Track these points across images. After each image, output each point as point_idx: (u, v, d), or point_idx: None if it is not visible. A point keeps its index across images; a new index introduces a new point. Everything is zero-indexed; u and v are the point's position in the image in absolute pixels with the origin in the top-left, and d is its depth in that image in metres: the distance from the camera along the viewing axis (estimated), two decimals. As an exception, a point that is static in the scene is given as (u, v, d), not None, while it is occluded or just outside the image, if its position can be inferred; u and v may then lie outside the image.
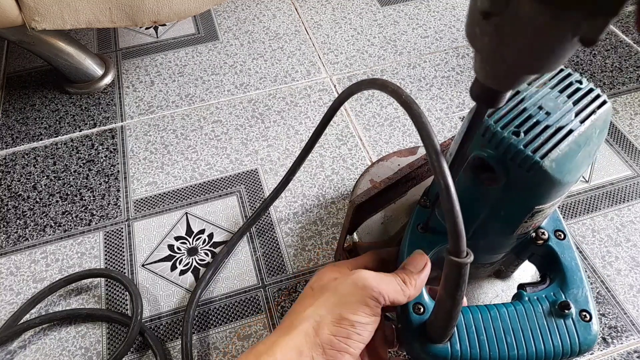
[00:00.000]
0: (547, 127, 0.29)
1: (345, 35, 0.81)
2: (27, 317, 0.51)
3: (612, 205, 0.60)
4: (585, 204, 0.60)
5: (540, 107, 0.30)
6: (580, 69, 0.75)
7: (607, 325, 0.51)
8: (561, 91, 0.31)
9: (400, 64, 0.77)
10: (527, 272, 0.46)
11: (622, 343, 0.50)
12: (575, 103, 0.30)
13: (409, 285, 0.32)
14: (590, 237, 0.57)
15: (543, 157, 0.28)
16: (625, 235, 0.57)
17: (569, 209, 0.59)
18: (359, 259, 0.38)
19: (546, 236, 0.37)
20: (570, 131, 0.29)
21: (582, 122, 0.29)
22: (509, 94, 0.23)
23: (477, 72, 0.22)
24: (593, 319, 0.34)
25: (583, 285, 0.35)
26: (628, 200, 0.60)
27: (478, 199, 0.33)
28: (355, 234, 0.48)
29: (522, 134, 0.29)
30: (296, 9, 0.86)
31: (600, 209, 0.59)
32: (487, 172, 0.30)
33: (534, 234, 0.37)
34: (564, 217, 0.58)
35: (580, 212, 0.59)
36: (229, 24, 0.84)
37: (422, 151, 0.55)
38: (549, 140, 0.29)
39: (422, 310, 0.34)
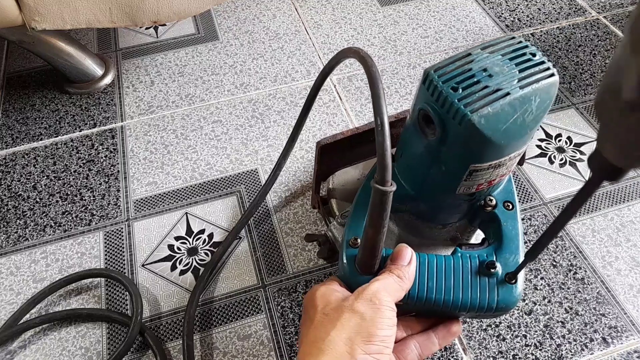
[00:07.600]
0: (486, 87, 0.30)
1: (345, 35, 0.81)
2: (27, 317, 0.51)
3: (612, 205, 0.60)
4: (585, 204, 0.60)
5: (485, 70, 0.31)
6: (580, 68, 0.75)
7: (607, 325, 0.51)
8: (511, 59, 0.32)
9: (400, 64, 0.77)
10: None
11: (622, 343, 0.50)
12: (521, 71, 0.31)
13: (404, 279, 0.34)
14: (590, 237, 0.57)
15: (473, 111, 0.30)
16: (625, 235, 0.57)
17: (569, 209, 0.59)
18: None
19: (493, 203, 0.39)
20: (507, 94, 0.30)
21: (522, 88, 0.31)
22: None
23: (602, 146, 0.21)
24: (518, 283, 0.36)
25: (517, 253, 0.37)
26: (628, 200, 0.60)
27: (423, 153, 0.35)
28: (330, 184, 0.51)
29: (460, 90, 0.30)
30: (296, 9, 0.86)
31: (600, 209, 0.59)
32: (429, 124, 0.33)
33: (483, 202, 0.39)
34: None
35: (580, 212, 0.59)
36: (229, 24, 0.84)
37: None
38: (483, 98, 0.30)
39: (357, 244, 0.36)
